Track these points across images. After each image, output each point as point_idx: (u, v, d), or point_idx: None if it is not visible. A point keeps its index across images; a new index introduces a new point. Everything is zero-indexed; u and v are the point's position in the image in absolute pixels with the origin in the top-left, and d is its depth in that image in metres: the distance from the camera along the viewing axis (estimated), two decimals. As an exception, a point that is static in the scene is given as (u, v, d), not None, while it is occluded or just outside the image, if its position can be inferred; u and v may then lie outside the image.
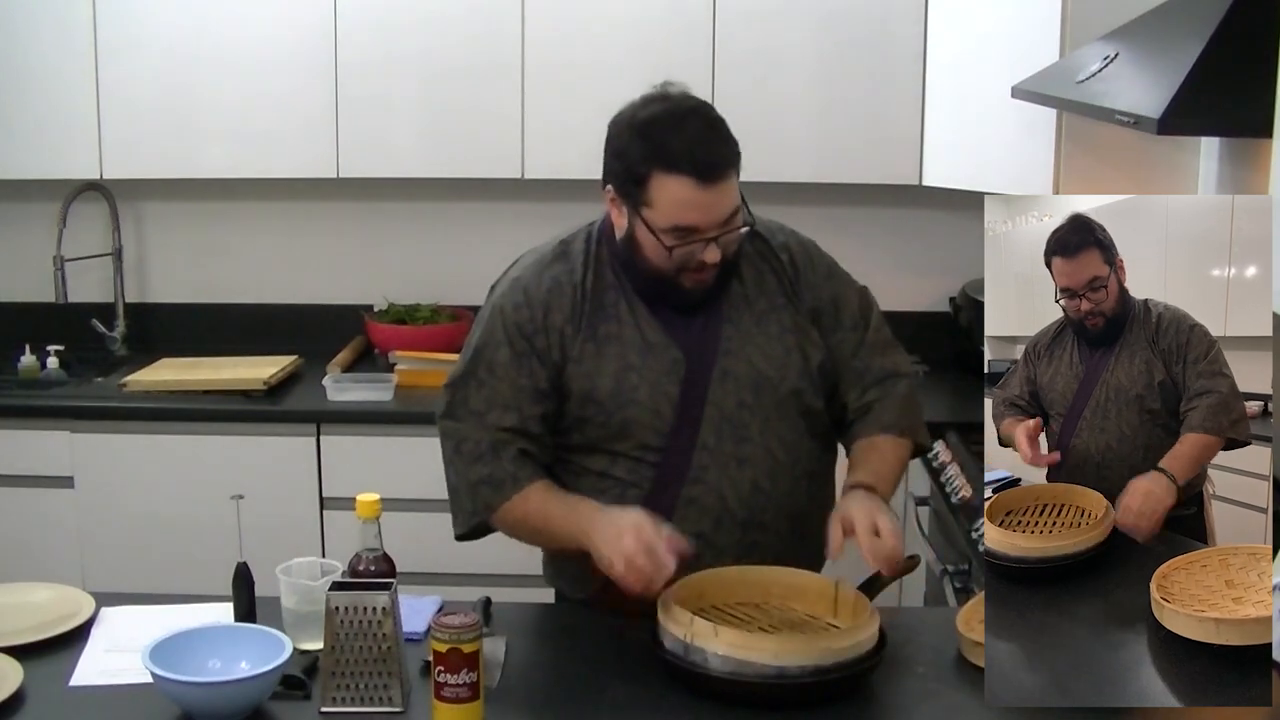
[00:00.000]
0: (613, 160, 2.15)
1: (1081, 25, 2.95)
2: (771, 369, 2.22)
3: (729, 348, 2.21)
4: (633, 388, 2.18)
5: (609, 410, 2.19)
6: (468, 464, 2.19)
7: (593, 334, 2.20)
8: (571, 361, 2.19)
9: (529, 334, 2.19)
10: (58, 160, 3.78)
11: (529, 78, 3.69)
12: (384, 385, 3.63)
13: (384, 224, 4.12)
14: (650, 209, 2.11)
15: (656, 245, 2.12)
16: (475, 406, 2.20)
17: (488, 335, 2.22)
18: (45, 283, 3.87)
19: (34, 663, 2.02)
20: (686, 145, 2.07)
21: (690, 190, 2.07)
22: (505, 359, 2.20)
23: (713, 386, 2.20)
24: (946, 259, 3.99)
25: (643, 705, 1.95)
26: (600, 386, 2.19)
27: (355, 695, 1.91)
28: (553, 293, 2.21)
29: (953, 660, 2.07)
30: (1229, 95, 2.20)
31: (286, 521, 3.48)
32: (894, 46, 3.64)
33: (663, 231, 2.11)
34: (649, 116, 2.12)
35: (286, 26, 3.69)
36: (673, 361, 2.20)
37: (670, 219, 2.10)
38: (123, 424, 3.59)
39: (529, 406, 2.19)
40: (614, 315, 2.21)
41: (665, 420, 2.19)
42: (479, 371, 2.21)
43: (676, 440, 2.19)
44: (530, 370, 2.19)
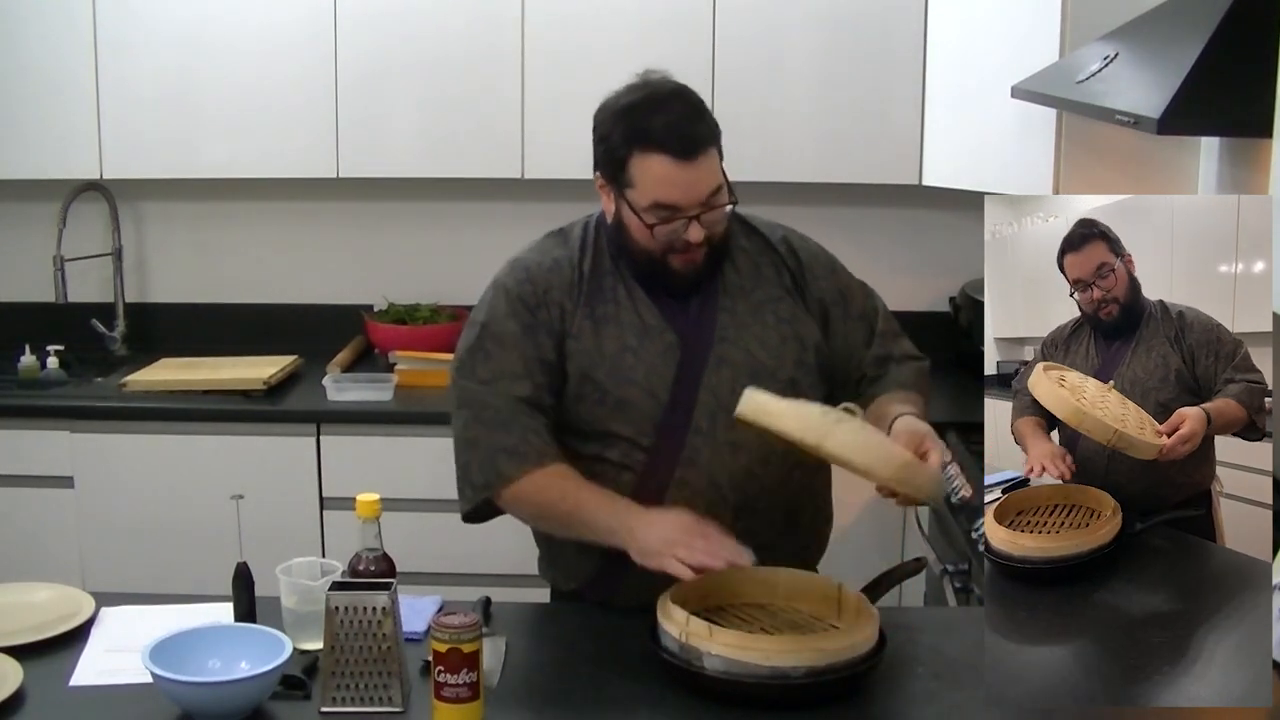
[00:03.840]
0: (598, 146, 2.20)
1: (1081, 25, 2.95)
2: (768, 357, 2.25)
3: (725, 335, 2.24)
4: (629, 368, 2.20)
5: (605, 389, 2.20)
6: (488, 430, 2.18)
7: (590, 313, 2.22)
8: (571, 338, 2.21)
9: (532, 307, 2.22)
10: (58, 160, 3.78)
11: (529, 78, 3.69)
12: (384, 385, 3.63)
13: (384, 224, 4.12)
14: (633, 189, 2.15)
15: (640, 225, 2.16)
16: (484, 376, 2.20)
17: (492, 311, 2.24)
18: (45, 283, 3.87)
19: (34, 663, 2.02)
20: (663, 124, 2.11)
21: (668, 167, 2.11)
22: (513, 330, 2.21)
23: (708, 372, 2.22)
24: (946, 259, 3.99)
25: (643, 705, 1.95)
26: (598, 365, 2.21)
27: (355, 695, 1.91)
28: (553, 271, 2.24)
29: (953, 660, 2.07)
30: (1229, 95, 2.20)
31: (286, 521, 3.48)
32: (894, 46, 3.64)
33: (644, 210, 2.14)
34: (630, 102, 2.17)
35: (286, 27, 3.69)
36: (668, 345, 2.22)
37: (650, 196, 2.13)
38: (122, 424, 3.59)
39: (539, 376, 2.20)
40: (611, 298, 2.23)
41: (660, 403, 2.20)
42: (486, 344, 2.22)
43: (670, 423, 2.20)
44: (537, 342, 2.21)
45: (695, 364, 2.22)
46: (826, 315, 2.32)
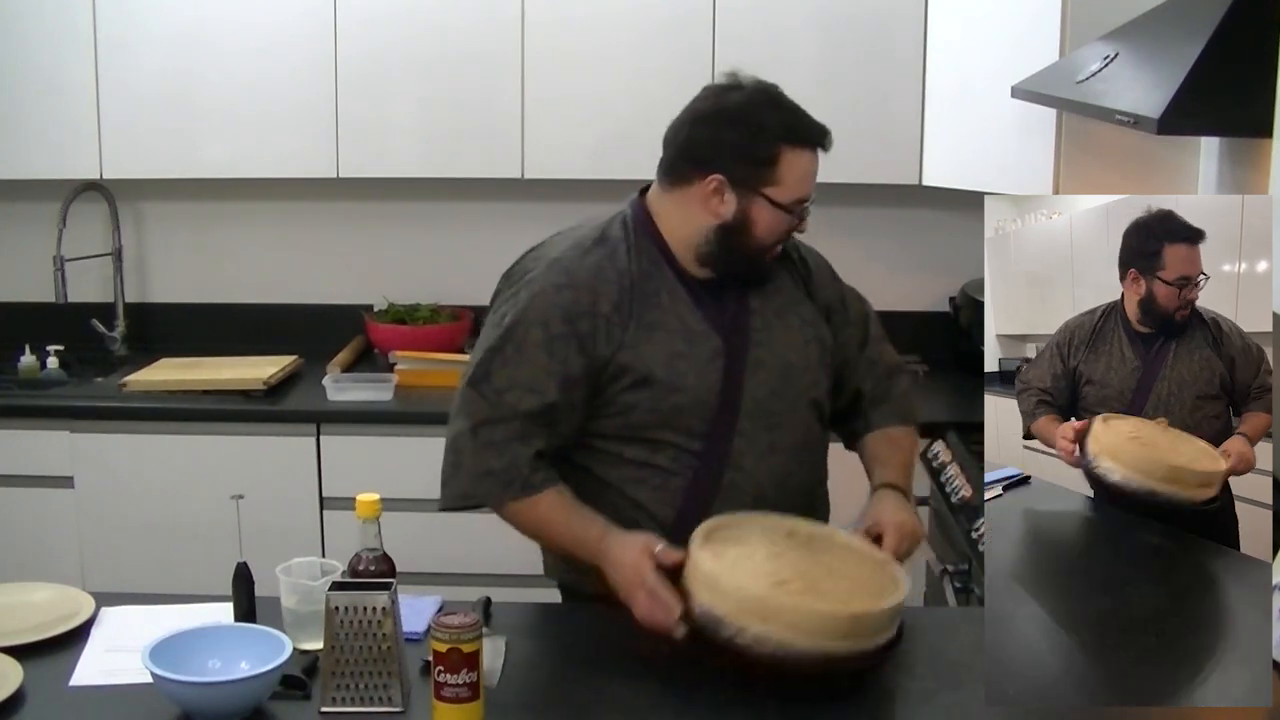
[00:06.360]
0: (724, 150, 2.18)
1: (1081, 25, 2.95)
2: (796, 358, 2.29)
3: (759, 338, 2.27)
4: (682, 374, 2.21)
5: (660, 395, 2.20)
6: (480, 448, 2.17)
7: (640, 320, 2.21)
8: (626, 348, 2.19)
9: (573, 317, 2.18)
10: (58, 160, 3.78)
11: (529, 78, 3.69)
12: (384, 385, 3.64)
13: (384, 224, 4.12)
14: (777, 185, 2.17)
15: (777, 222, 2.20)
16: (497, 384, 2.18)
17: (522, 313, 2.20)
18: (45, 283, 3.87)
19: (34, 663, 2.02)
20: (803, 120, 2.19)
21: (811, 161, 2.20)
22: (537, 340, 2.18)
23: (747, 374, 2.24)
24: (946, 259, 3.99)
25: (643, 705, 1.95)
26: (653, 372, 2.20)
27: (355, 695, 1.91)
28: (598, 278, 2.21)
29: (953, 660, 2.07)
30: (1229, 95, 2.20)
31: (286, 521, 3.48)
32: (894, 46, 3.64)
33: (789, 205, 2.19)
34: (754, 100, 2.18)
35: (286, 27, 3.69)
36: (714, 349, 2.23)
37: (797, 191, 2.19)
38: (123, 424, 3.59)
39: (552, 392, 2.17)
40: (657, 303, 2.23)
41: (710, 407, 2.22)
42: (506, 348, 2.19)
43: (717, 427, 2.22)
44: (564, 356, 2.18)
45: (736, 368, 2.24)
46: (829, 319, 2.37)
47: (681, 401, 2.20)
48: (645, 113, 3.65)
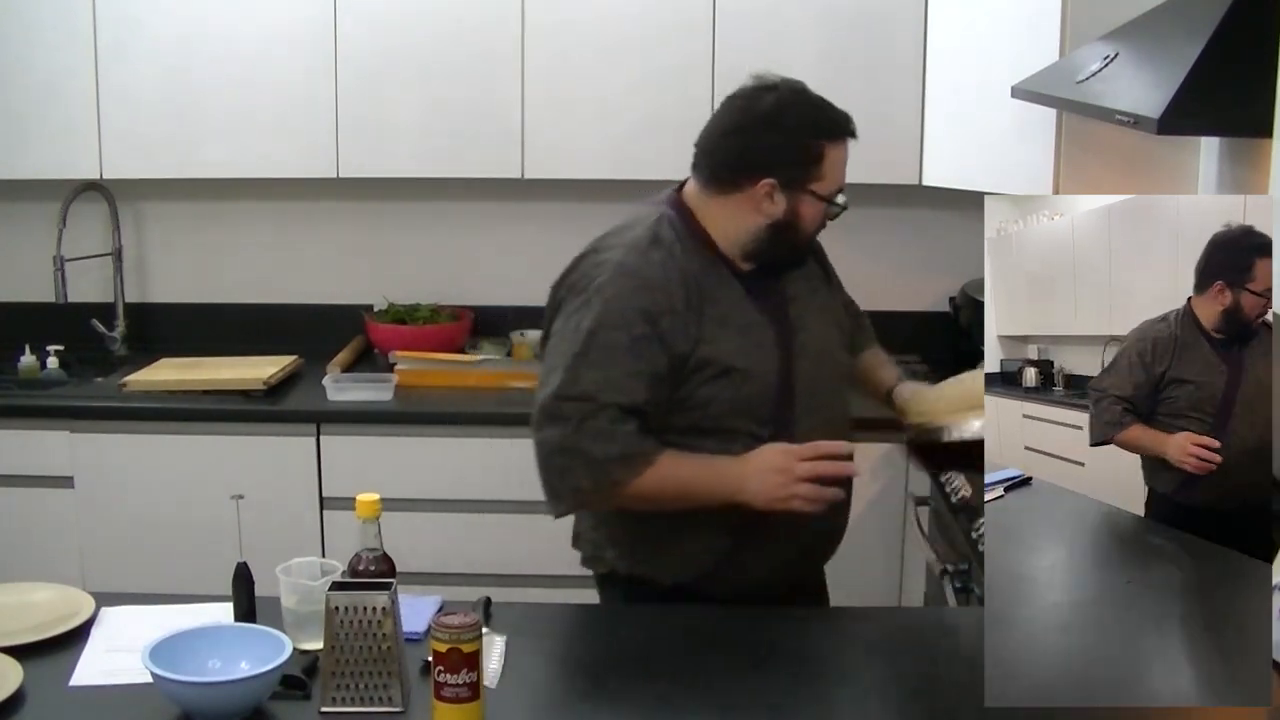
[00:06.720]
0: (772, 155, 2.25)
1: (1081, 25, 2.95)
2: (832, 340, 2.40)
3: (801, 324, 2.34)
4: (756, 362, 2.27)
5: (737, 385, 2.25)
6: (589, 443, 2.18)
7: (708, 315, 2.26)
8: (704, 342, 2.24)
9: (653, 316, 2.21)
10: (58, 160, 3.78)
11: (529, 78, 3.69)
12: (384, 385, 3.63)
13: (384, 224, 4.12)
14: (821, 180, 2.27)
15: (820, 212, 2.29)
16: (588, 387, 2.19)
17: (600, 319, 2.21)
18: (45, 283, 3.87)
19: (34, 663, 2.02)
20: (834, 113, 2.29)
21: (846, 151, 2.30)
22: (621, 343, 2.20)
23: (797, 360, 2.31)
24: (946, 259, 3.99)
25: (643, 705, 1.95)
26: (734, 362, 2.25)
27: (355, 695, 1.91)
28: (667, 277, 2.25)
29: (953, 660, 2.07)
30: (1229, 95, 2.20)
31: (286, 521, 3.48)
32: (894, 47, 3.64)
33: (832, 196, 2.28)
34: (789, 101, 2.27)
35: (286, 27, 3.69)
36: (771, 338, 2.30)
37: (837, 182, 2.29)
38: (123, 424, 3.59)
39: (642, 392, 2.20)
40: (716, 298, 2.27)
41: (774, 393, 2.28)
42: (591, 353, 2.20)
43: (781, 411, 2.29)
44: (649, 356, 2.20)
45: (789, 354, 2.31)
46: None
47: (754, 390, 2.26)
48: (646, 113, 3.67)
